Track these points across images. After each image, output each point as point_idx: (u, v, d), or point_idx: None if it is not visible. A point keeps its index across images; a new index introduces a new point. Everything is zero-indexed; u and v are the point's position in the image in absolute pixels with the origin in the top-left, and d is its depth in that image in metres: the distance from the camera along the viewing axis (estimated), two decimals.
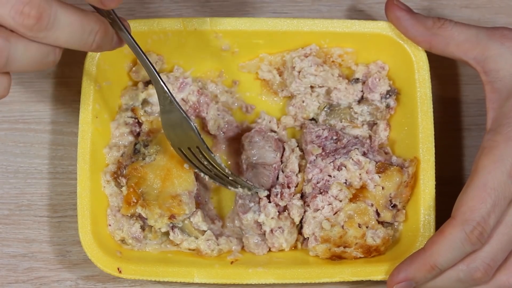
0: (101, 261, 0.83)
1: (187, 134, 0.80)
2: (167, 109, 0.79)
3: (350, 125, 0.90)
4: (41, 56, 0.66)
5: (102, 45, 0.69)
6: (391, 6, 0.85)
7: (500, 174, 0.75)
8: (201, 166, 0.82)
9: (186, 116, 0.79)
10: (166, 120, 0.80)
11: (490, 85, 0.81)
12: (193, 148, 0.81)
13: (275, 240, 0.85)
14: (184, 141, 0.81)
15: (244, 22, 0.88)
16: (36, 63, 0.66)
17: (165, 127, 0.81)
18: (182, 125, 0.79)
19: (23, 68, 0.66)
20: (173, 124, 0.80)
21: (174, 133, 0.80)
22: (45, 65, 0.67)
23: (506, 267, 0.78)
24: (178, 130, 0.80)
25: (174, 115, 0.79)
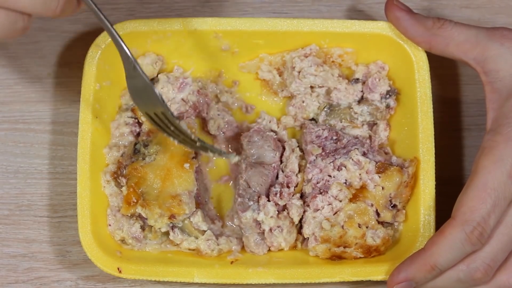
0: (101, 261, 0.83)
1: (151, 100, 0.78)
2: (131, 74, 0.78)
3: (350, 125, 0.90)
4: (9, 22, 0.66)
5: (66, 9, 0.68)
6: (391, 6, 0.85)
7: (500, 174, 0.75)
8: (169, 131, 0.80)
9: (149, 83, 0.77)
10: (131, 86, 0.79)
11: (490, 86, 0.81)
12: (159, 114, 0.79)
13: (274, 239, 0.85)
14: (150, 107, 0.79)
15: (244, 22, 0.88)
16: (5, 30, 0.66)
17: (131, 92, 0.79)
18: (147, 91, 0.78)
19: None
20: (138, 90, 0.78)
21: (140, 98, 0.79)
22: (15, 32, 0.67)
23: (506, 267, 0.78)
24: (144, 95, 0.79)
25: (138, 80, 0.78)
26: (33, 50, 0.94)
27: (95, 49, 0.86)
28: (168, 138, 0.81)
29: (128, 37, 0.87)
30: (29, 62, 0.94)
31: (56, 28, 0.95)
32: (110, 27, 0.75)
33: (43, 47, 0.95)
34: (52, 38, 0.95)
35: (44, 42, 0.95)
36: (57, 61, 0.95)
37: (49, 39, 0.95)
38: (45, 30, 0.95)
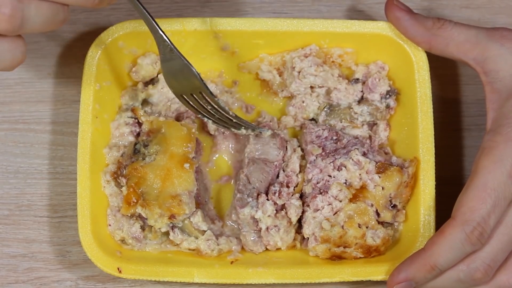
0: (101, 261, 0.83)
1: (189, 80, 0.80)
2: (167, 57, 0.80)
3: (350, 125, 0.90)
4: (52, 14, 0.67)
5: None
6: (391, 7, 0.85)
7: (500, 174, 0.75)
8: (204, 111, 0.83)
9: (188, 63, 0.80)
10: (167, 69, 0.81)
11: (490, 86, 0.81)
12: (195, 94, 0.82)
13: (270, 238, 0.85)
14: (186, 88, 0.81)
15: (244, 22, 0.88)
16: (48, 22, 0.67)
17: (166, 75, 0.82)
18: (184, 72, 0.80)
19: (37, 27, 0.67)
20: (174, 71, 0.81)
21: (176, 80, 0.81)
22: (56, 24, 0.68)
23: (506, 267, 0.78)
24: (180, 77, 0.81)
25: (175, 62, 0.80)
26: (33, 50, 0.94)
27: (95, 49, 0.86)
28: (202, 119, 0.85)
29: (128, 37, 0.87)
30: (29, 62, 0.94)
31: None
32: (145, 12, 0.77)
33: (43, 47, 0.95)
34: (52, 38, 0.95)
35: (44, 42, 0.95)
36: (57, 61, 0.95)
37: (49, 39, 0.95)
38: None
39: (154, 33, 0.78)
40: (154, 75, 0.91)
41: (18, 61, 0.69)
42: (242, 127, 0.86)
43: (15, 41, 0.68)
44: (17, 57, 0.68)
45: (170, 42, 0.79)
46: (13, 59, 0.68)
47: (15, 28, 0.65)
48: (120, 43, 0.88)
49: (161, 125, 0.86)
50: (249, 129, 0.86)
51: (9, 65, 0.69)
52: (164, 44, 0.79)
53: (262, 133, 0.86)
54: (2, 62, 0.68)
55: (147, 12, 0.77)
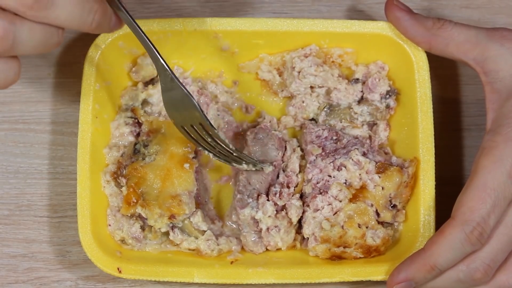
0: (101, 261, 0.83)
1: (189, 111, 0.80)
2: (168, 87, 0.79)
3: (350, 125, 0.90)
4: (45, 37, 0.66)
5: (102, 24, 0.69)
6: (391, 7, 0.85)
7: (500, 174, 0.75)
8: (205, 143, 0.82)
9: (188, 93, 0.79)
10: (167, 99, 0.80)
11: (489, 86, 0.81)
12: (196, 126, 0.81)
13: (270, 239, 0.85)
14: (186, 119, 0.81)
15: (244, 22, 0.88)
16: (41, 45, 0.67)
17: (167, 105, 0.81)
18: (184, 103, 0.79)
19: (28, 50, 0.66)
20: (175, 102, 0.80)
21: (177, 111, 0.81)
22: (49, 47, 0.68)
23: (506, 267, 0.78)
24: (181, 108, 0.80)
25: (176, 92, 0.79)
26: None
27: (95, 49, 0.86)
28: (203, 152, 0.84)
29: (128, 37, 0.87)
30: (29, 62, 0.94)
31: None
32: (148, 42, 0.76)
33: None
34: None
35: None
36: (57, 61, 0.95)
37: None
38: None
39: (155, 62, 0.78)
40: (154, 75, 0.91)
41: (10, 81, 0.68)
42: (243, 162, 0.85)
43: (9, 61, 0.67)
44: (9, 78, 0.68)
45: (171, 72, 0.78)
46: (6, 79, 0.67)
47: (6, 50, 0.64)
48: (120, 43, 0.88)
49: (161, 125, 0.86)
50: (250, 164, 0.85)
51: (1, 85, 0.68)
52: (165, 73, 0.78)
53: (264, 168, 0.86)
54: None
55: (150, 41, 0.76)
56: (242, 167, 0.85)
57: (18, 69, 0.68)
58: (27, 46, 0.66)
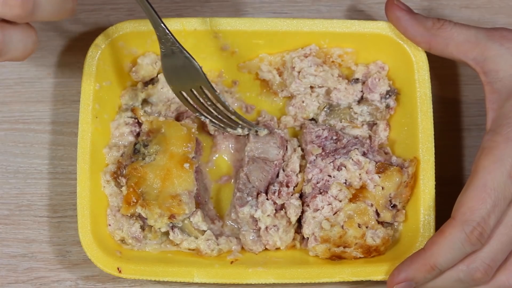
0: (101, 261, 0.83)
1: (190, 74, 0.81)
2: (168, 52, 0.80)
3: (350, 125, 0.90)
4: (62, 2, 0.68)
5: None
6: (391, 6, 0.85)
7: (500, 174, 0.75)
8: (203, 108, 0.83)
9: (190, 56, 0.79)
10: (167, 65, 0.81)
11: (489, 86, 0.81)
12: (196, 89, 0.81)
13: (269, 238, 0.85)
14: (186, 84, 0.81)
15: (244, 22, 0.88)
16: (57, 10, 0.68)
17: (167, 71, 0.82)
18: (185, 66, 0.80)
19: (47, 14, 0.67)
20: (175, 67, 0.81)
21: (176, 76, 0.81)
22: (65, 13, 0.69)
23: (506, 267, 0.78)
24: (181, 72, 0.81)
25: (176, 57, 0.80)
26: None
27: (95, 49, 0.86)
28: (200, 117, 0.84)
29: (128, 37, 0.88)
30: (29, 62, 0.94)
31: (56, 28, 0.95)
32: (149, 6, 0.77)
33: (43, 47, 0.95)
34: (52, 38, 0.95)
35: (44, 42, 0.95)
36: (57, 61, 0.95)
37: (49, 39, 0.95)
38: (45, 30, 0.95)
39: (156, 27, 0.78)
40: (154, 75, 0.91)
41: (30, 51, 0.69)
42: (239, 126, 0.86)
43: (27, 30, 0.69)
44: (28, 47, 0.69)
45: (172, 36, 0.79)
46: (25, 48, 0.69)
47: (27, 14, 0.66)
48: (120, 43, 0.88)
49: (161, 125, 0.86)
50: (245, 129, 0.86)
51: (21, 55, 0.69)
52: (166, 37, 0.79)
53: (259, 132, 0.86)
54: (14, 51, 0.69)
55: (151, 5, 0.77)
56: (237, 132, 0.86)
57: (36, 38, 0.69)
58: (46, 11, 0.67)
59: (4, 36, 0.67)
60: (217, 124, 0.85)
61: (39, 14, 0.67)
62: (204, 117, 0.85)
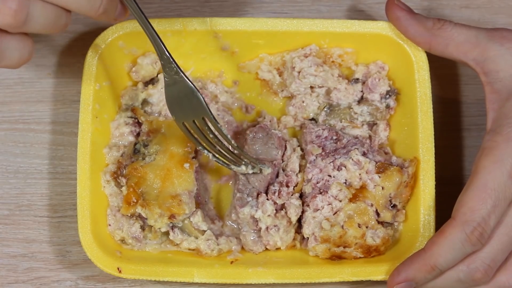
0: (101, 261, 0.83)
1: (192, 104, 0.80)
2: (172, 81, 0.79)
3: (350, 125, 0.90)
4: (56, 17, 0.68)
5: (108, 11, 0.71)
6: (392, 6, 0.85)
7: (500, 174, 0.75)
8: (205, 142, 0.82)
9: (194, 86, 0.79)
10: (171, 93, 0.80)
11: (489, 86, 0.81)
12: (198, 120, 0.80)
13: (270, 238, 0.85)
14: (189, 114, 0.80)
15: (244, 22, 0.88)
16: (50, 24, 0.68)
17: (170, 100, 0.81)
18: (188, 96, 0.79)
19: (39, 27, 0.68)
20: (179, 96, 0.80)
21: (179, 106, 0.80)
22: (58, 28, 0.69)
23: (506, 267, 0.78)
24: (184, 102, 0.80)
25: (180, 86, 0.79)
26: None
27: (95, 49, 0.86)
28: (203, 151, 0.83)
29: (128, 37, 0.87)
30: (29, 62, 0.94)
31: None
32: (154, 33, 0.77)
33: (43, 47, 0.95)
34: (52, 38, 0.95)
35: (44, 42, 0.95)
36: (57, 61, 0.95)
37: (49, 39, 0.95)
38: None
39: (160, 55, 0.78)
40: (154, 75, 0.91)
41: (25, 59, 0.70)
42: (242, 163, 0.84)
43: (23, 40, 0.69)
44: (24, 56, 0.69)
45: (176, 65, 0.78)
46: (20, 57, 0.69)
47: (19, 24, 0.66)
48: (120, 43, 0.88)
49: (161, 125, 0.86)
50: (248, 166, 0.84)
51: (15, 63, 0.70)
52: (170, 66, 0.78)
53: (263, 170, 0.85)
54: (9, 59, 0.69)
55: (156, 34, 0.77)
56: (240, 169, 0.84)
57: (32, 47, 0.70)
58: (38, 24, 0.67)
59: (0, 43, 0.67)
60: (220, 160, 0.84)
61: (32, 26, 0.67)
62: (207, 152, 0.83)
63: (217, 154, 0.83)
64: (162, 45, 0.77)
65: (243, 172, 0.85)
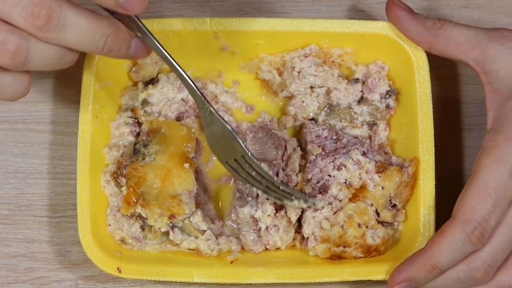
0: (101, 261, 0.83)
1: (230, 144, 0.80)
2: (208, 121, 0.79)
3: (350, 125, 0.90)
4: (59, 56, 0.67)
5: (114, 50, 0.69)
6: (392, 6, 0.85)
7: (500, 174, 0.75)
8: (251, 180, 0.81)
9: (228, 125, 0.79)
10: (210, 134, 0.80)
11: (489, 86, 0.81)
12: (238, 159, 0.80)
13: (269, 238, 0.85)
14: (229, 153, 0.80)
15: (244, 22, 0.88)
16: (53, 63, 0.67)
17: (210, 141, 0.81)
18: (225, 135, 0.79)
19: (41, 67, 0.67)
20: (217, 136, 0.80)
21: (219, 145, 0.81)
22: (62, 65, 0.68)
23: (506, 267, 0.78)
24: (222, 141, 0.80)
25: (216, 126, 0.79)
26: None
27: None
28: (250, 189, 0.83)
29: None
30: None
31: None
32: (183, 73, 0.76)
33: None
34: None
35: None
36: None
37: None
38: None
39: (194, 97, 0.78)
40: (154, 75, 0.91)
41: (20, 95, 0.69)
42: (293, 197, 0.83)
43: (19, 76, 0.68)
44: (19, 92, 0.68)
45: (210, 104, 0.78)
46: (15, 93, 0.68)
47: (18, 65, 0.65)
48: None
49: (161, 125, 0.86)
50: (300, 200, 0.83)
51: (9, 98, 0.69)
52: (204, 107, 0.78)
53: (316, 204, 0.84)
54: (3, 94, 0.68)
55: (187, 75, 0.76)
56: (293, 204, 0.83)
57: (28, 83, 0.68)
58: (40, 63, 0.66)
59: None
60: (272, 195, 0.83)
61: (33, 66, 0.66)
62: (256, 188, 0.83)
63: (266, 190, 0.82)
64: (194, 87, 0.77)
65: (297, 207, 0.84)
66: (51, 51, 0.66)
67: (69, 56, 0.68)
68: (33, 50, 0.65)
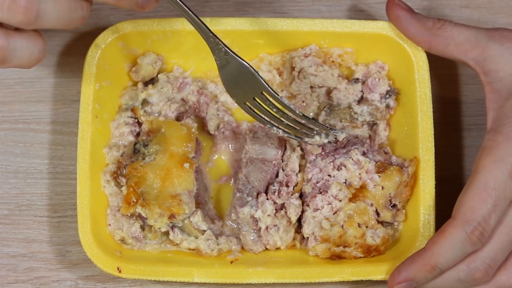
0: (101, 261, 0.83)
1: (248, 81, 0.79)
2: (223, 62, 0.78)
3: (350, 125, 0.90)
4: (70, 10, 0.67)
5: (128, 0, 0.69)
6: (392, 5, 0.85)
7: (500, 174, 0.75)
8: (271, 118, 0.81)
9: (244, 61, 0.78)
10: (226, 75, 0.79)
11: (489, 86, 0.81)
12: (258, 97, 0.79)
13: (269, 238, 0.85)
14: (247, 92, 0.80)
15: (244, 22, 0.88)
16: (65, 18, 0.67)
17: (227, 83, 0.80)
18: (242, 73, 0.79)
19: (53, 22, 0.66)
20: (234, 76, 0.79)
21: (236, 86, 0.80)
22: (74, 21, 0.68)
23: (506, 267, 0.78)
24: (239, 80, 0.79)
25: (232, 65, 0.78)
26: None
27: (95, 49, 0.86)
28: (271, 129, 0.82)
29: (128, 37, 0.87)
30: None
31: None
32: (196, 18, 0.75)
33: None
34: (52, 38, 0.95)
35: None
36: (57, 61, 0.95)
37: (49, 39, 0.95)
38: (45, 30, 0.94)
39: (207, 39, 0.77)
40: (154, 75, 0.91)
41: (36, 59, 0.68)
42: (315, 133, 0.82)
43: (34, 38, 0.67)
44: (34, 55, 0.68)
45: (224, 44, 0.77)
46: (31, 57, 0.68)
47: (30, 20, 0.65)
48: (120, 43, 0.88)
49: (161, 125, 0.86)
50: (322, 135, 0.82)
51: (26, 63, 0.68)
52: (218, 47, 0.77)
53: (337, 136, 0.83)
54: (19, 59, 0.67)
55: (198, 18, 0.75)
56: (315, 140, 0.82)
57: (43, 46, 0.68)
58: (51, 19, 0.66)
59: (8, 43, 0.66)
60: (292, 134, 0.82)
61: (44, 22, 0.66)
62: (276, 129, 0.82)
63: (287, 128, 0.82)
64: (206, 29, 0.76)
65: (319, 144, 0.84)
66: (62, 4, 0.66)
67: (79, 11, 0.67)
68: (44, 3, 0.65)
